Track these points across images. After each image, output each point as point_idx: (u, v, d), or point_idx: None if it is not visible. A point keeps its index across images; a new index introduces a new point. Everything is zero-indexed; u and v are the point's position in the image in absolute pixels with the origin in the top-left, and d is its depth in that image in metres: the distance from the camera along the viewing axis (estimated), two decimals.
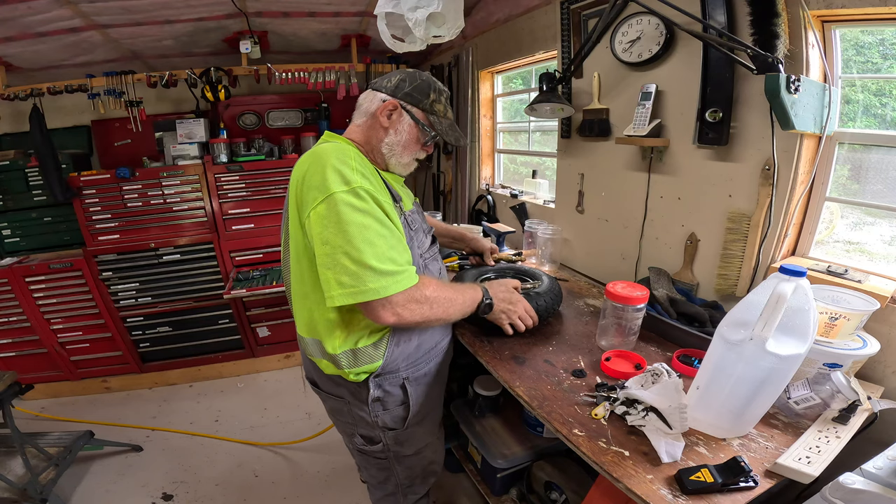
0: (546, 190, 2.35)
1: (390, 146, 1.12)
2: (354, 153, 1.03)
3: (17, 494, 1.75)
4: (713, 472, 0.80)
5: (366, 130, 1.13)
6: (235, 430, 2.44)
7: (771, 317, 0.80)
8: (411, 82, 1.11)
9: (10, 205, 2.57)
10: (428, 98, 1.11)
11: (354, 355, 1.09)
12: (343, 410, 1.20)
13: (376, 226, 0.95)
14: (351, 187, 0.93)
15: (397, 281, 0.95)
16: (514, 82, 2.69)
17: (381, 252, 0.94)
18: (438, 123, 1.13)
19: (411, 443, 1.25)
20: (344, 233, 0.91)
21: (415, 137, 1.13)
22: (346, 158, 0.98)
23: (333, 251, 0.92)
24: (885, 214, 1.20)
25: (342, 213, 0.92)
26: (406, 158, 1.15)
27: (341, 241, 0.91)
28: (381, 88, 1.12)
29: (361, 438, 1.23)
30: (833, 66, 1.17)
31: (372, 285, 0.92)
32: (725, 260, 1.39)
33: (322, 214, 0.93)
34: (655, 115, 1.51)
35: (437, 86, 1.14)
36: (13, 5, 1.87)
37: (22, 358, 2.64)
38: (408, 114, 1.10)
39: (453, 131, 1.16)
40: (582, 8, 1.74)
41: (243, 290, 2.54)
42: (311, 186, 0.95)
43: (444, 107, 1.15)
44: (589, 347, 1.32)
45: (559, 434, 0.97)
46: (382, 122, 1.10)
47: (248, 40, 2.48)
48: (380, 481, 1.32)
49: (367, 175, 0.99)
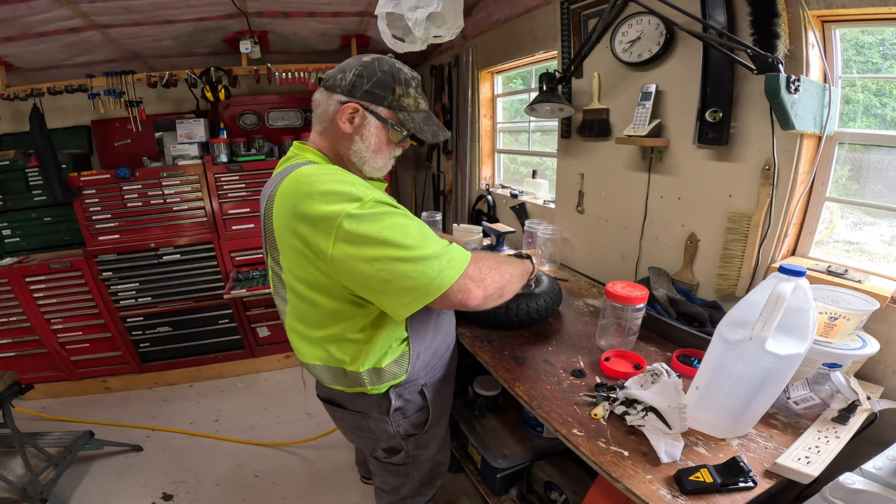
0: (546, 190, 2.35)
1: (359, 154, 0.99)
2: (339, 170, 0.93)
3: (17, 494, 1.75)
4: (712, 472, 0.80)
5: (329, 138, 1.00)
6: (235, 430, 2.44)
7: (770, 317, 0.80)
8: (370, 77, 0.94)
9: (10, 205, 2.56)
10: (393, 93, 0.96)
11: (378, 374, 1.04)
12: (363, 426, 1.16)
13: (407, 219, 0.87)
14: (363, 202, 0.84)
15: (456, 257, 0.86)
16: (514, 82, 2.69)
17: (427, 238, 0.86)
18: (410, 120, 0.98)
19: (429, 444, 1.24)
20: (382, 242, 0.82)
21: (385, 139, 1.00)
22: (337, 176, 0.88)
23: (383, 265, 0.82)
24: (885, 214, 1.20)
25: (368, 226, 0.82)
26: (380, 162, 1.02)
27: (384, 250, 0.82)
28: (336, 88, 0.96)
29: (384, 452, 1.20)
30: (833, 66, 1.17)
31: (437, 272, 0.83)
32: (725, 260, 1.39)
33: (349, 239, 0.82)
34: (655, 115, 1.51)
35: (401, 75, 0.97)
36: (13, 5, 1.87)
37: (22, 358, 2.64)
38: (372, 115, 0.96)
39: (429, 126, 1.02)
40: (582, 8, 1.74)
41: (243, 290, 2.54)
42: (313, 221, 0.84)
43: (415, 99, 0.99)
44: (588, 347, 1.32)
45: (559, 434, 0.97)
46: (344, 129, 0.96)
47: (248, 40, 2.47)
48: (394, 487, 1.30)
49: (368, 185, 0.91)
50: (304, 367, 1.13)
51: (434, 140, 1.03)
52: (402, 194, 4.01)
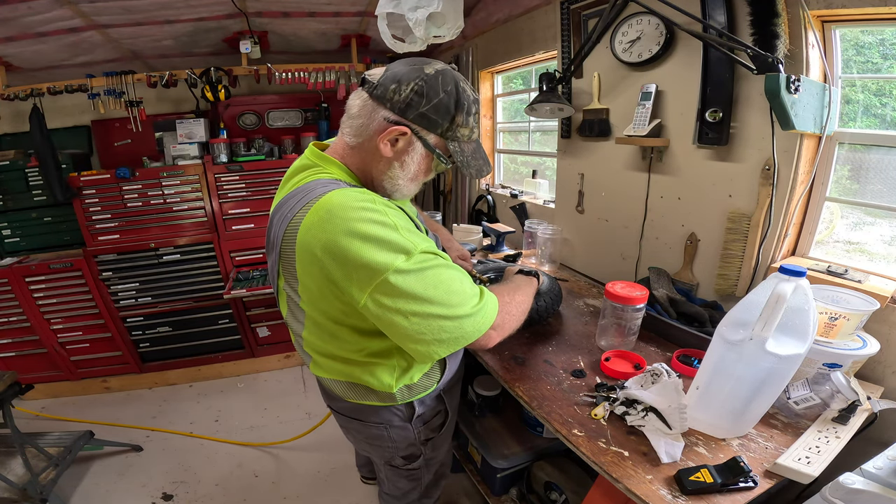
0: (546, 190, 2.35)
1: (393, 181, 0.89)
2: (378, 199, 0.80)
3: (17, 494, 1.75)
4: (713, 472, 0.80)
5: (362, 155, 0.88)
6: (235, 430, 2.44)
7: (771, 317, 0.80)
8: (430, 97, 0.81)
9: (10, 205, 2.56)
10: (452, 122, 0.83)
11: (409, 389, 1.03)
12: (384, 436, 1.11)
13: (450, 272, 0.82)
14: (410, 256, 0.76)
15: (489, 309, 0.86)
16: (514, 82, 2.69)
17: (465, 295, 0.82)
18: (460, 153, 0.87)
19: (442, 444, 1.24)
20: (426, 299, 0.77)
21: (425, 168, 0.89)
22: (377, 216, 0.76)
23: (421, 320, 0.78)
24: (885, 214, 1.20)
25: (413, 283, 0.76)
26: (413, 189, 0.93)
27: (426, 307, 0.78)
28: (385, 102, 0.82)
29: (403, 459, 1.17)
30: (833, 66, 1.17)
31: (472, 328, 0.83)
32: (725, 260, 1.39)
33: (389, 293, 0.76)
34: (655, 115, 1.51)
35: (464, 99, 0.84)
36: (13, 5, 1.87)
37: (22, 358, 2.64)
38: (420, 141, 0.84)
39: (476, 160, 0.90)
40: (582, 8, 1.74)
41: (243, 290, 2.54)
42: (349, 265, 0.75)
43: (471, 129, 0.87)
44: (588, 347, 1.32)
45: (559, 434, 0.97)
46: (384, 152, 0.84)
47: (248, 40, 2.48)
48: (404, 492, 1.28)
49: (409, 227, 0.81)
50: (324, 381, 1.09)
51: (478, 177, 0.93)
52: None
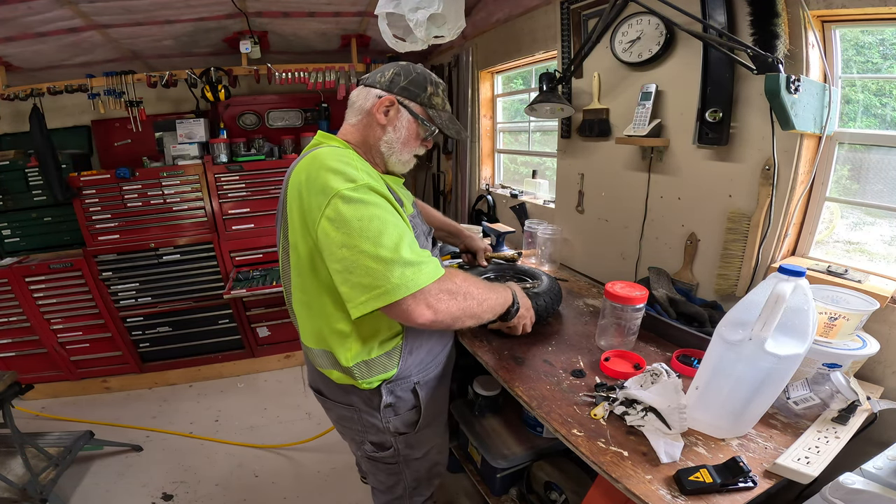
0: (546, 190, 2.35)
1: (389, 144, 1.08)
2: (354, 156, 1.00)
3: (17, 494, 1.75)
4: (712, 472, 0.80)
5: (362, 129, 1.09)
6: (235, 430, 2.44)
7: (770, 317, 0.80)
8: (406, 76, 1.06)
9: (10, 205, 2.57)
10: (425, 91, 1.07)
11: (367, 366, 1.06)
12: (353, 418, 1.17)
13: (390, 217, 0.89)
14: (357, 184, 0.88)
15: (424, 271, 0.87)
16: (515, 82, 2.69)
17: (402, 242, 0.87)
18: (438, 117, 1.10)
19: (421, 445, 1.24)
20: (357, 231, 0.85)
21: (414, 133, 1.09)
22: (347, 159, 0.94)
23: (351, 254, 0.85)
24: (885, 214, 1.20)
25: (352, 211, 0.86)
26: (406, 156, 1.11)
27: (356, 240, 0.85)
28: (375, 84, 1.07)
29: (372, 445, 1.20)
30: (833, 66, 1.17)
31: (398, 280, 0.84)
32: (725, 260, 1.38)
33: (332, 217, 0.87)
34: (655, 115, 1.51)
35: (432, 78, 1.10)
36: (13, 5, 1.87)
37: (22, 358, 2.65)
38: (406, 109, 1.06)
39: (453, 124, 1.14)
40: (582, 8, 1.74)
41: (243, 290, 2.55)
42: (314, 192, 0.90)
43: (443, 99, 1.12)
44: (588, 347, 1.32)
45: (558, 434, 0.97)
46: (379, 120, 1.05)
47: (248, 40, 2.48)
48: (388, 486, 1.30)
49: (371, 175, 0.96)
50: (304, 349, 1.17)
51: (458, 137, 1.14)
52: None
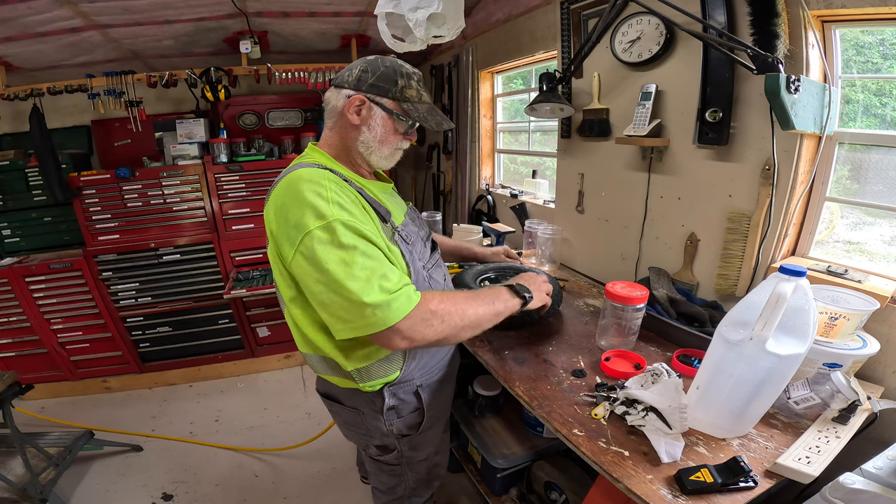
0: (546, 190, 2.35)
1: (366, 144, 1.05)
2: (329, 178, 0.95)
3: (17, 494, 1.75)
4: (713, 472, 0.80)
5: (339, 132, 1.07)
6: (235, 430, 2.44)
7: (771, 317, 0.80)
8: (374, 71, 1.02)
9: (10, 205, 2.56)
10: (396, 85, 1.03)
11: (367, 370, 1.06)
12: (357, 422, 1.17)
13: (358, 258, 0.89)
14: (326, 222, 0.88)
15: (394, 308, 0.89)
16: (515, 82, 2.69)
17: (371, 285, 0.88)
18: (414, 110, 1.05)
19: (424, 446, 1.24)
20: (327, 272, 0.87)
21: (391, 129, 1.05)
22: (319, 189, 0.91)
23: (325, 290, 0.88)
24: (885, 214, 1.20)
25: (322, 252, 0.87)
26: (386, 151, 1.08)
27: (328, 279, 0.87)
28: (344, 84, 1.03)
29: (376, 449, 1.21)
30: (833, 66, 1.17)
31: (370, 320, 0.87)
32: (725, 260, 1.39)
33: (305, 255, 0.89)
34: (655, 115, 1.51)
35: (403, 69, 1.05)
36: (13, 5, 1.87)
37: (22, 358, 2.64)
38: (378, 106, 1.02)
39: (433, 116, 1.08)
40: (582, 8, 1.74)
41: (243, 290, 2.54)
42: (290, 224, 0.90)
43: (418, 91, 1.06)
44: (589, 347, 1.32)
45: (559, 434, 0.97)
46: (353, 120, 1.02)
47: (248, 40, 2.48)
48: (389, 487, 1.30)
49: (344, 204, 0.92)
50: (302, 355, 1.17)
51: (438, 128, 1.09)
52: (403, 195, 4.00)
